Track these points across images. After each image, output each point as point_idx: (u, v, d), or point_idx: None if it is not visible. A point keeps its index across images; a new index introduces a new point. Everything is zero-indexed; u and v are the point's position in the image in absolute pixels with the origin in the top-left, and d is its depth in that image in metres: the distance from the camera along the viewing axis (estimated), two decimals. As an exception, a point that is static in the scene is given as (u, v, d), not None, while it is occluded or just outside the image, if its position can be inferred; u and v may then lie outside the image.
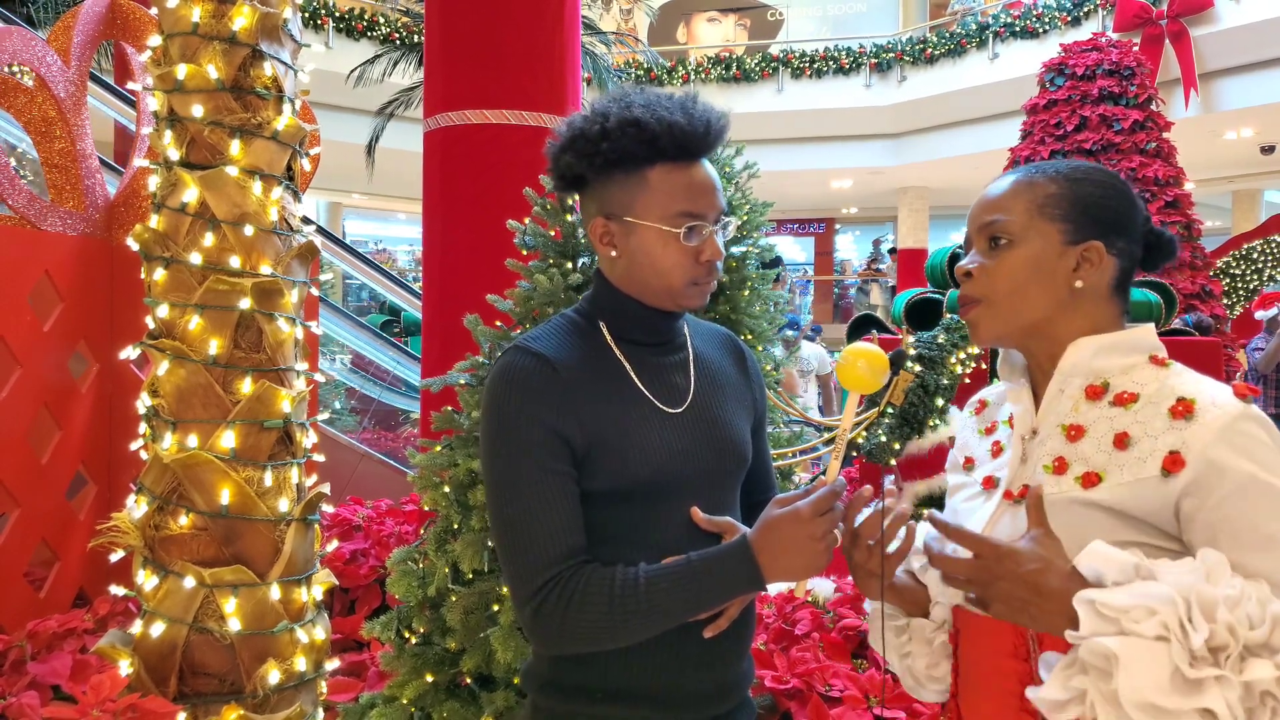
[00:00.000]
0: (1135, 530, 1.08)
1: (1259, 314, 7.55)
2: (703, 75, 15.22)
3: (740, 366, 1.42)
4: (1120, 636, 0.96)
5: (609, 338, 1.29)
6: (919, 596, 1.32)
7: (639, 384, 1.27)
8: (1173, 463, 1.05)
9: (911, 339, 3.80)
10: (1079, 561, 1.03)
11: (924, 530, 1.31)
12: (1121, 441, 1.10)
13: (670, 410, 1.27)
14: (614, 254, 1.27)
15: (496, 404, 1.22)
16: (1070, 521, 1.10)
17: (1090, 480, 1.10)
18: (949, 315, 3.90)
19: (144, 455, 2.28)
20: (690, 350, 1.35)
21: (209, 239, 2.22)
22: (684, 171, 1.23)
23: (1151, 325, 1.20)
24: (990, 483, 1.24)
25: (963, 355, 3.76)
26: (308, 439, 2.39)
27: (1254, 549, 1.02)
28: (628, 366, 1.28)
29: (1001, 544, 1.07)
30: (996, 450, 1.28)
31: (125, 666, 2.13)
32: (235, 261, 2.23)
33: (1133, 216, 1.19)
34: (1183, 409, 1.07)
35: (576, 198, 2.25)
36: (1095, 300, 1.18)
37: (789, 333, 10.36)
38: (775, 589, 2.84)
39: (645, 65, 14.75)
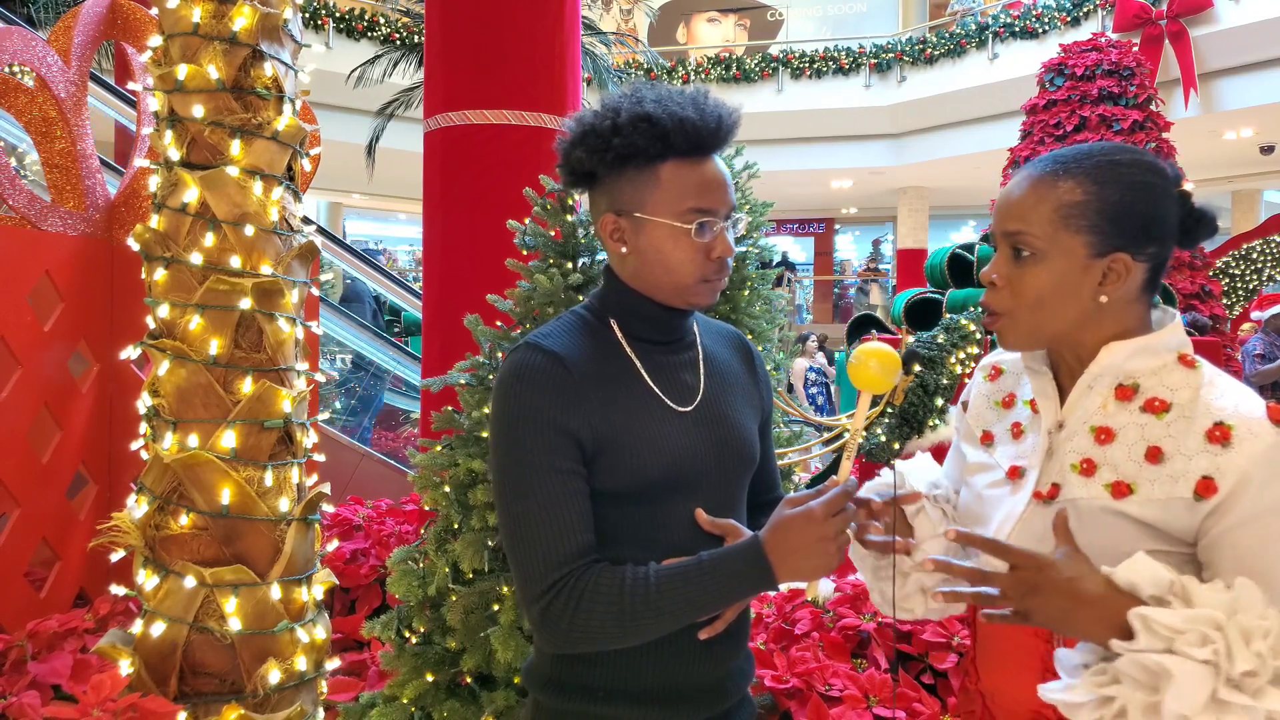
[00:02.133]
0: (1162, 541, 1.10)
1: (1256, 314, 7.56)
2: (703, 75, 15.24)
3: (748, 366, 1.42)
4: (1172, 656, 0.98)
5: (619, 335, 1.28)
6: (902, 531, 1.33)
7: (649, 382, 1.26)
8: (1206, 488, 1.07)
9: (911, 339, 3.80)
10: (1118, 572, 1.04)
11: (910, 473, 1.36)
12: (1154, 456, 1.10)
13: (680, 409, 1.27)
14: (624, 250, 1.26)
15: (507, 401, 1.21)
16: (1099, 528, 1.11)
17: (1121, 490, 1.11)
18: (949, 315, 3.90)
19: (144, 455, 2.28)
20: (700, 349, 1.35)
21: (209, 239, 2.23)
22: (695, 167, 1.23)
23: (1179, 321, 1.19)
24: (1016, 473, 1.23)
25: (962, 355, 3.77)
26: (308, 439, 2.40)
27: (1249, 576, 1.04)
28: (638, 364, 1.27)
29: (1040, 555, 1.06)
30: (1017, 431, 1.27)
31: (126, 666, 2.13)
32: (236, 261, 2.24)
33: (1164, 215, 1.14)
34: (1220, 435, 1.08)
35: (578, 197, 2.26)
36: (1123, 306, 1.16)
37: (812, 344, 10.33)
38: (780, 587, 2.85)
39: (645, 65, 14.75)
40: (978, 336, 3.77)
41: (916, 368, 3.63)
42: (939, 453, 1.44)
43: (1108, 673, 1.02)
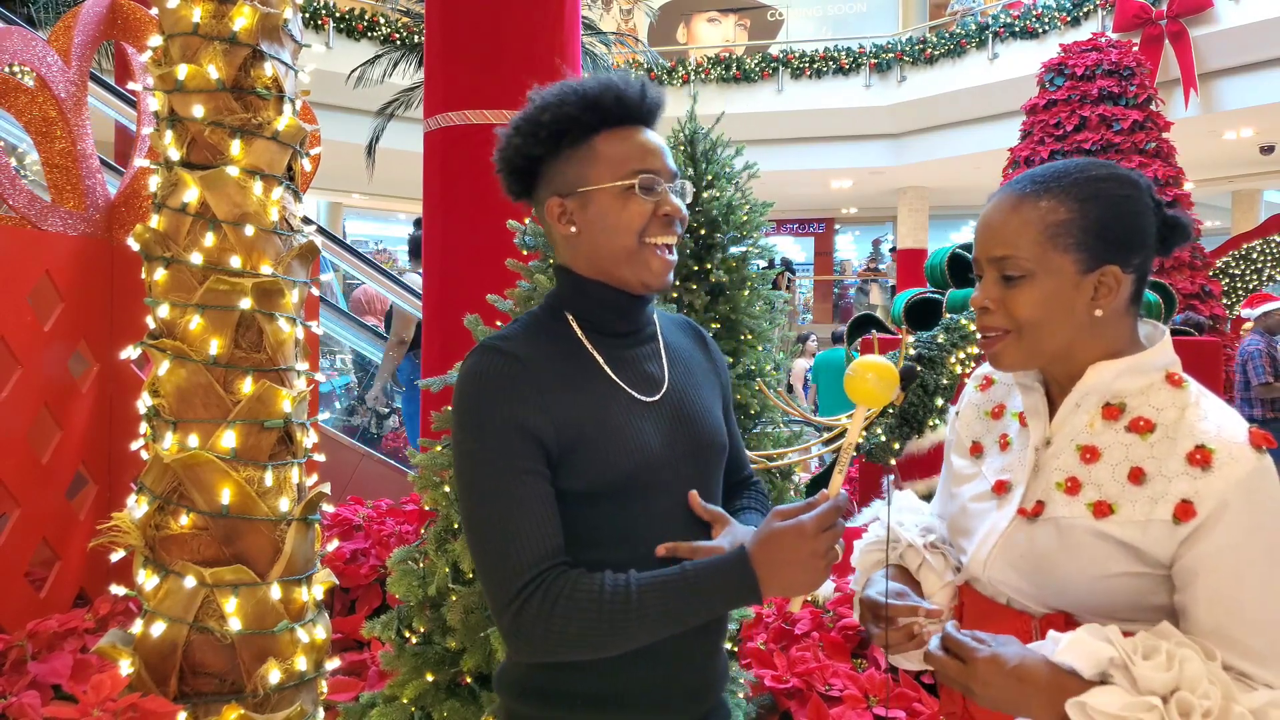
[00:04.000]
0: (1140, 562, 1.11)
1: (1245, 312, 7.58)
2: (703, 75, 15.23)
3: (704, 351, 1.41)
4: None
5: (577, 330, 1.26)
6: (905, 575, 1.34)
7: (612, 375, 1.24)
8: (1184, 512, 1.07)
9: (911, 339, 3.80)
10: (1058, 654, 1.06)
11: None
12: (1137, 477, 1.11)
13: (646, 399, 1.25)
14: (573, 230, 1.25)
15: (465, 405, 1.19)
16: (1082, 547, 1.12)
17: (1103, 510, 1.12)
18: (949, 315, 3.90)
19: (144, 455, 2.28)
20: (660, 339, 1.33)
21: (209, 239, 2.23)
22: (630, 134, 1.24)
23: (1168, 340, 1.19)
24: (1002, 488, 1.23)
25: (962, 355, 3.77)
26: (308, 439, 2.40)
27: (1219, 606, 1.06)
28: (599, 358, 1.25)
29: (981, 652, 1.08)
30: (1004, 443, 1.27)
31: (126, 666, 2.13)
32: (236, 261, 2.24)
33: (1146, 226, 1.16)
34: (1201, 458, 1.08)
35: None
36: (1114, 320, 1.17)
37: (812, 344, 10.33)
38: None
39: (645, 65, 14.74)
40: (978, 336, 3.77)
41: (916, 368, 3.63)
42: (939, 451, 1.44)
43: None
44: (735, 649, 2.46)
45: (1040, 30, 12.75)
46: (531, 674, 1.24)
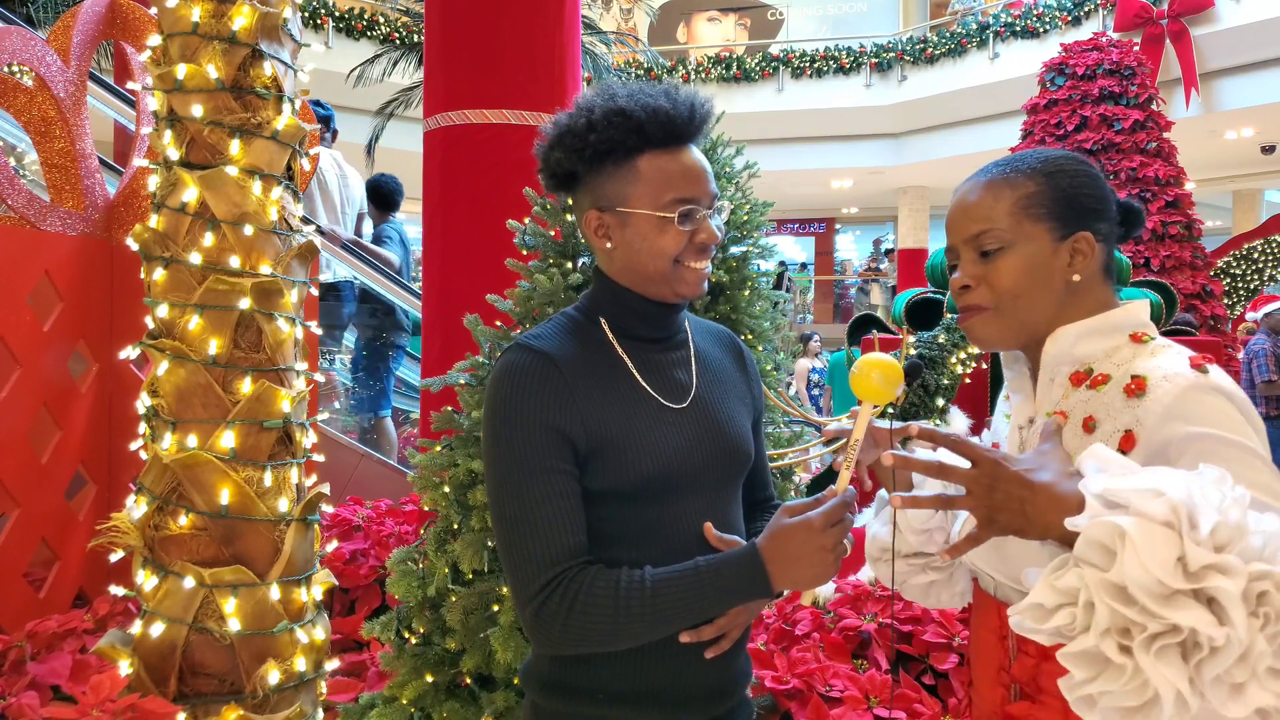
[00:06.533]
0: None
1: (1251, 315, 7.60)
2: (703, 75, 15.23)
3: (739, 364, 1.42)
4: (1130, 517, 0.88)
5: (610, 334, 1.29)
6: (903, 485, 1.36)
7: (641, 380, 1.27)
8: (1127, 441, 1.06)
9: (911, 339, 3.80)
10: (1080, 459, 0.97)
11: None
12: (1088, 425, 1.12)
13: (673, 406, 1.27)
14: (609, 245, 1.26)
15: (498, 403, 1.22)
16: None
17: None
18: (949, 315, 3.90)
19: (144, 455, 2.28)
20: (691, 346, 1.35)
21: (209, 239, 2.22)
22: (673, 157, 1.24)
23: (1143, 303, 1.20)
24: None
25: (963, 355, 3.76)
26: (308, 439, 2.39)
27: None
28: (629, 363, 1.27)
29: (993, 450, 1.00)
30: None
31: (125, 666, 2.13)
32: (235, 261, 2.23)
33: (1107, 197, 1.21)
34: (1135, 387, 1.08)
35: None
36: (1091, 288, 1.19)
37: (815, 343, 10.31)
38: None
39: (645, 65, 14.74)
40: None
41: (922, 366, 3.63)
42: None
43: (1067, 564, 0.92)
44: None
45: (1041, 30, 12.76)
46: (555, 668, 1.27)
